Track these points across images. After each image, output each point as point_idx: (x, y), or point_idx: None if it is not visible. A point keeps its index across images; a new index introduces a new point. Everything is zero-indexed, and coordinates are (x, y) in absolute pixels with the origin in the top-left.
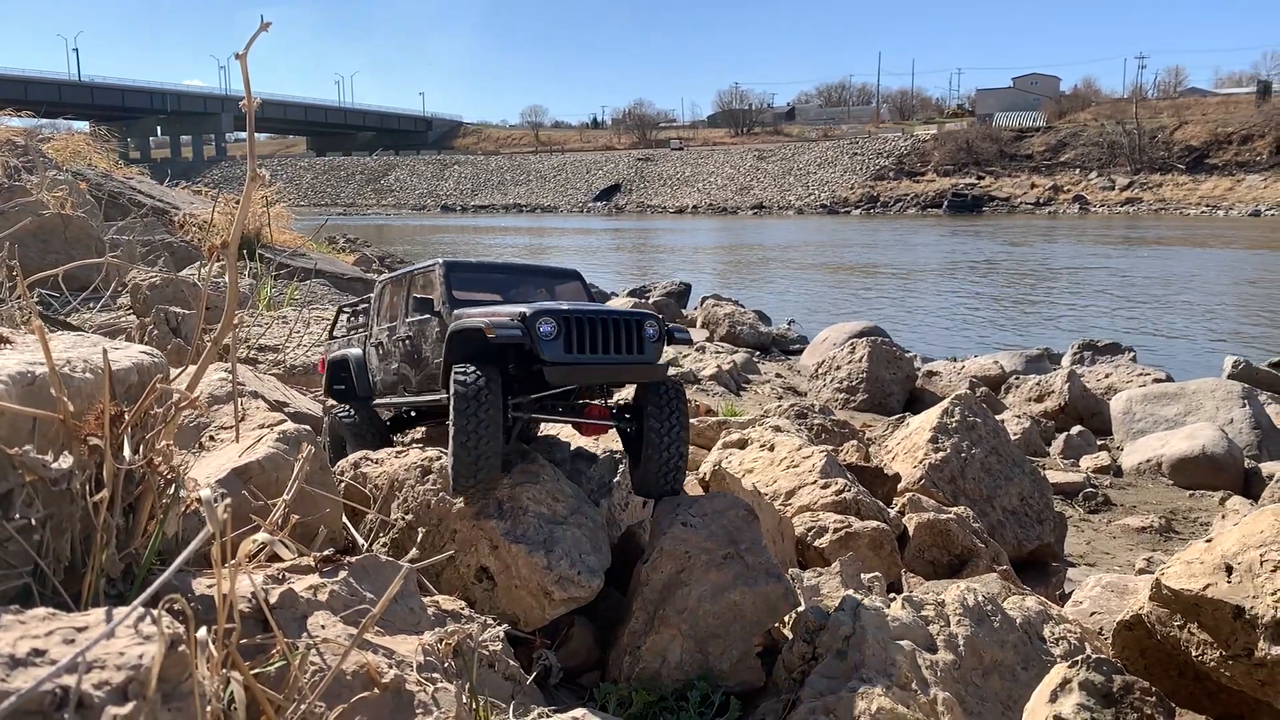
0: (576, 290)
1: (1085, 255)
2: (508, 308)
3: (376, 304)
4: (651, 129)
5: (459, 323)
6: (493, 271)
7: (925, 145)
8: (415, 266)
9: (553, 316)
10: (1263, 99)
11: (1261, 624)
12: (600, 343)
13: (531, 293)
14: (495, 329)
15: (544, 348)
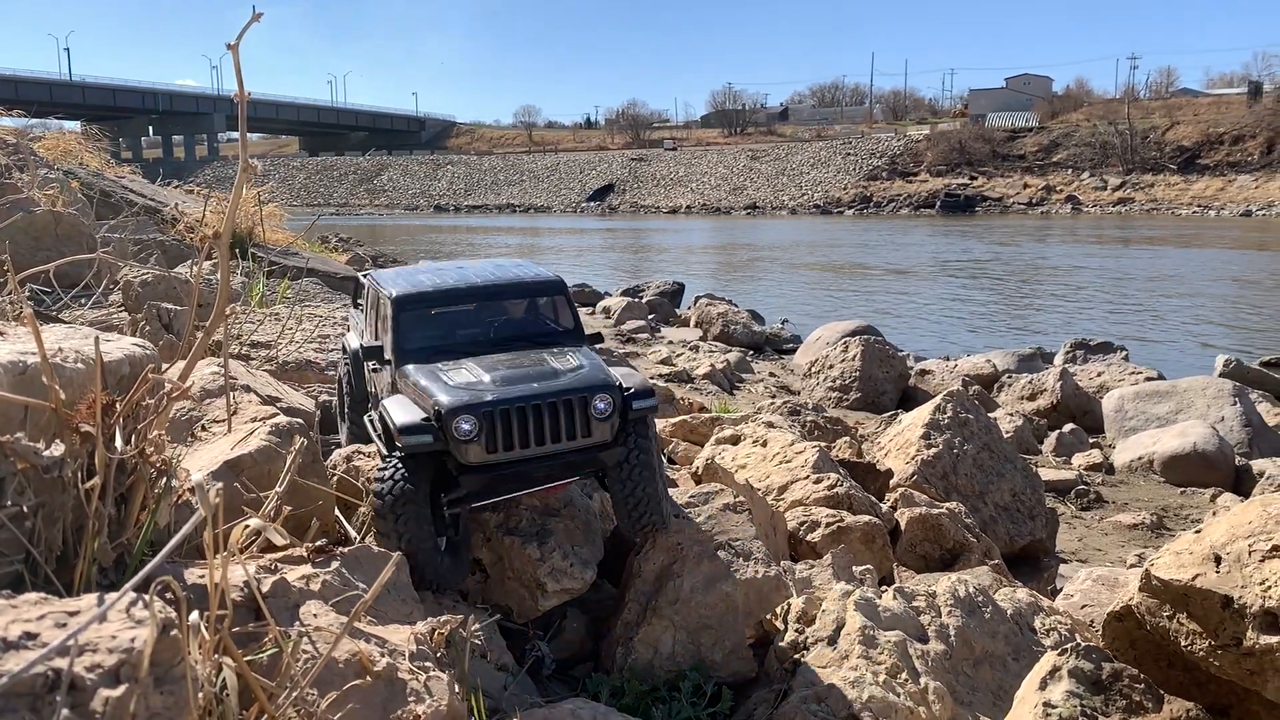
0: (559, 307)
1: (1077, 255)
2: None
3: (365, 303)
4: (645, 129)
5: (382, 407)
6: (457, 299)
7: (918, 145)
8: (378, 282)
9: (472, 412)
10: (1254, 99)
11: (1250, 613)
12: (535, 432)
13: (507, 318)
14: (403, 431)
15: (461, 449)
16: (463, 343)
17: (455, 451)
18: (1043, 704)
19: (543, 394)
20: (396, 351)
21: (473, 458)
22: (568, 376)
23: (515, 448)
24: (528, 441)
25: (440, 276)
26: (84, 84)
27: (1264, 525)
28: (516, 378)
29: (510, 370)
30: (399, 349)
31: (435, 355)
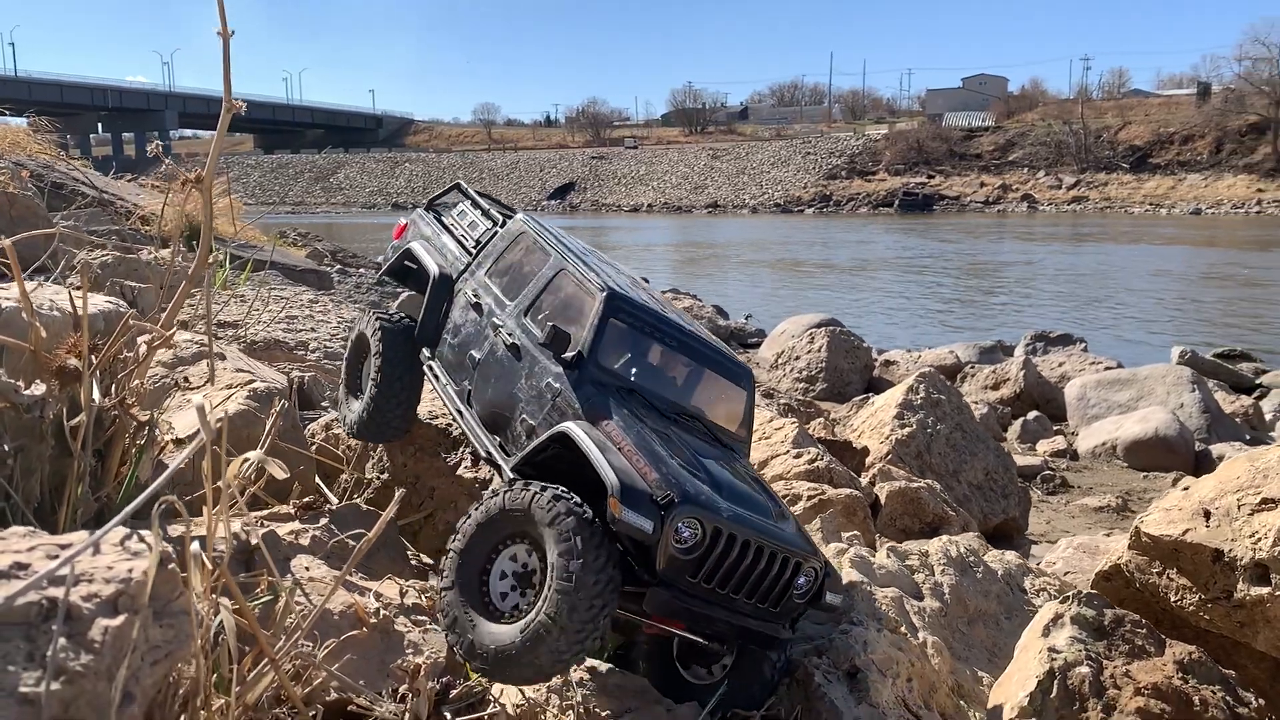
0: (742, 403)
1: (1034, 252)
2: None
3: (501, 245)
4: (605, 127)
5: (576, 435)
6: (662, 330)
7: (877, 145)
8: (569, 249)
9: (701, 515)
10: (1202, 100)
11: (1240, 565)
12: (737, 580)
13: (697, 387)
14: (626, 500)
15: (668, 560)
16: (652, 390)
17: (659, 555)
18: (1047, 649)
19: (765, 534)
20: (587, 362)
21: (668, 570)
22: (784, 527)
23: (715, 584)
24: (727, 584)
25: (640, 293)
26: (30, 80)
27: (1252, 479)
28: (740, 497)
29: (730, 478)
30: (593, 361)
31: (623, 393)
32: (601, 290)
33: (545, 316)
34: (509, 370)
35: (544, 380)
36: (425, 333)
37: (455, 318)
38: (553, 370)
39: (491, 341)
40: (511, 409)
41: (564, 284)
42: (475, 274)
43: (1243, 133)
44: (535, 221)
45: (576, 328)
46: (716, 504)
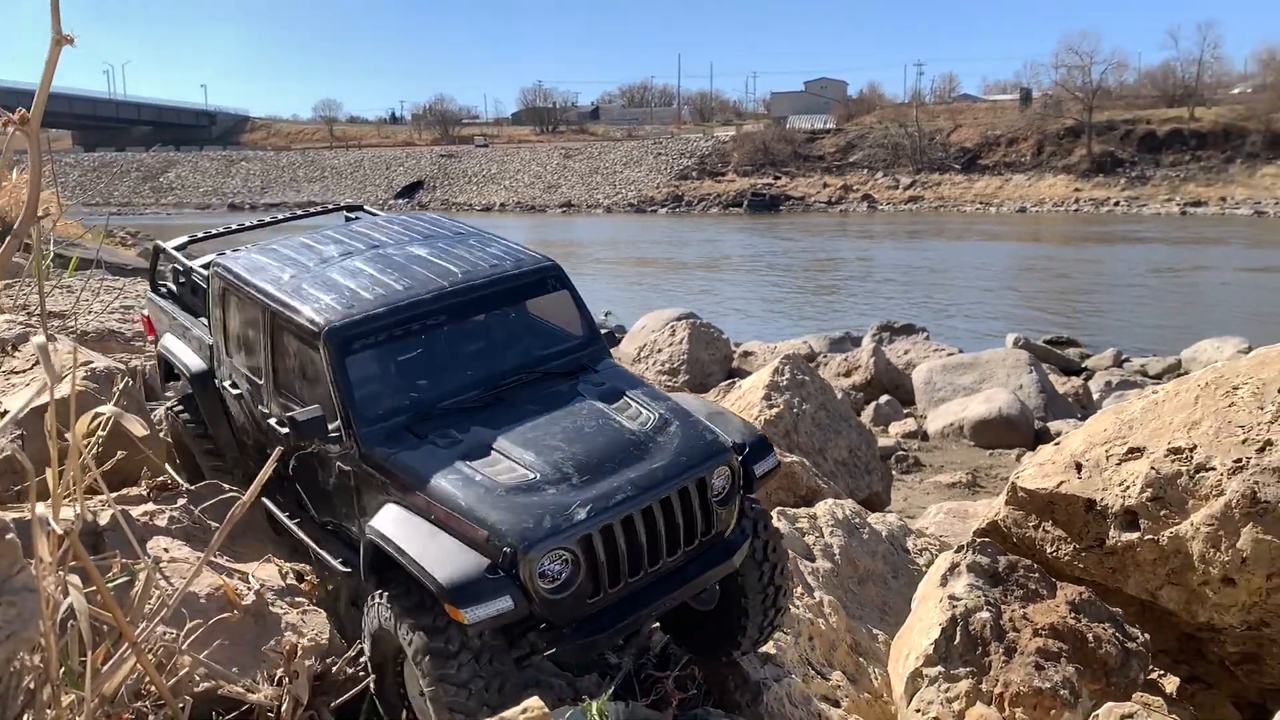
0: (562, 304)
1: (875, 249)
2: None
3: (218, 313)
4: (454, 125)
5: (383, 540)
6: (420, 318)
7: (725, 146)
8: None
9: (559, 543)
10: (1025, 105)
11: (1111, 514)
12: (650, 549)
13: (500, 337)
14: (460, 600)
15: (552, 607)
16: (451, 389)
17: (544, 610)
18: (947, 597)
19: (647, 489)
20: (355, 423)
21: (571, 613)
22: (662, 445)
23: (623, 580)
24: (640, 566)
25: (376, 283)
26: None
27: (1118, 431)
28: (595, 462)
29: (572, 447)
30: (358, 418)
31: (421, 421)
32: (318, 331)
33: (291, 387)
34: (307, 467)
35: (334, 469)
36: (223, 443)
37: (236, 417)
38: (334, 454)
39: (272, 436)
40: (334, 509)
41: (281, 335)
42: (222, 359)
43: (1061, 136)
44: (235, 256)
45: (321, 387)
46: (567, 509)
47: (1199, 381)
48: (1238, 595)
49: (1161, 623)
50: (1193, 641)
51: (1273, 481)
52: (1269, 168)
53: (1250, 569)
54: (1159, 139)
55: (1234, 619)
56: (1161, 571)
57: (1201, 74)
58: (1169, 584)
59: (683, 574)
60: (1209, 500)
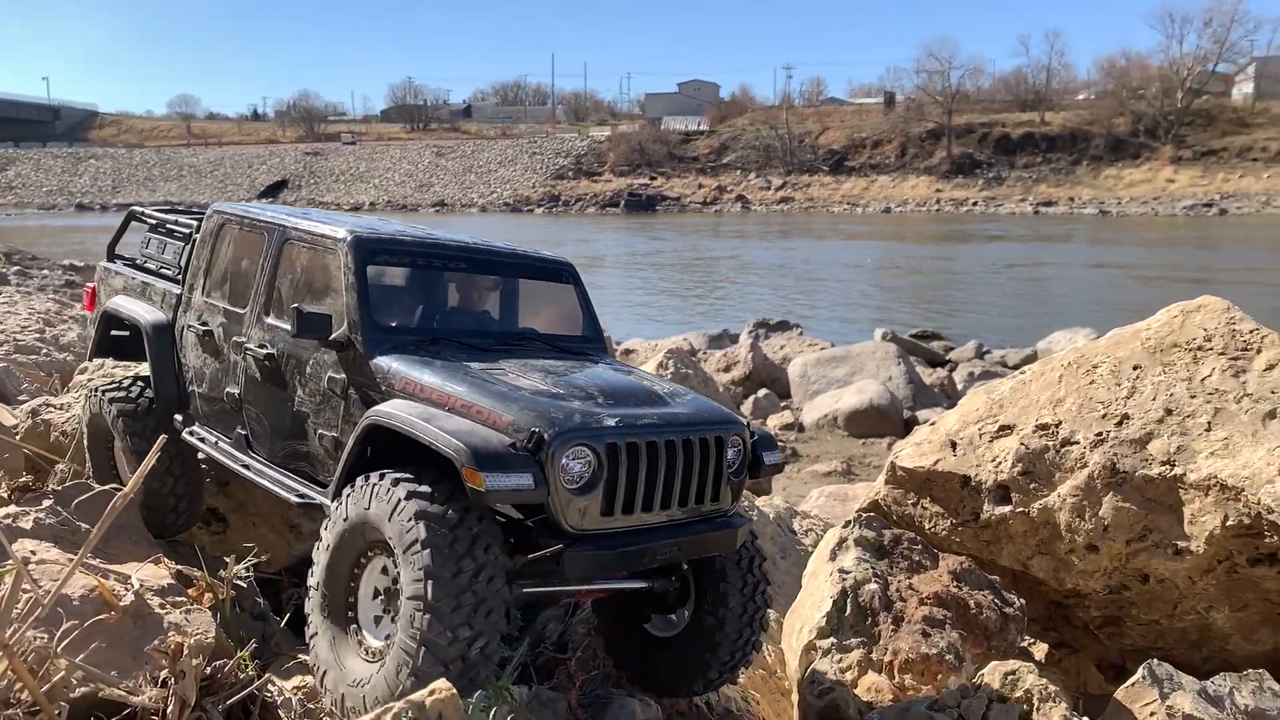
0: (573, 301)
1: (750, 248)
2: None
3: (205, 252)
4: (320, 122)
5: (389, 418)
6: (440, 258)
7: (601, 146)
8: (286, 218)
9: (589, 443)
10: (889, 108)
11: (985, 489)
12: (661, 489)
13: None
14: (485, 465)
15: (566, 505)
16: (461, 330)
17: (555, 508)
18: (837, 571)
19: (669, 425)
20: (365, 328)
21: (581, 521)
22: (684, 404)
23: (637, 508)
24: (653, 500)
25: (401, 227)
26: None
27: (989, 410)
28: (620, 394)
29: (595, 382)
30: (369, 323)
31: (430, 344)
32: (342, 238)
33: (289, 303)
34: (278, 388)
35: (323, 379)
36: (165, 397)
37: (191, 362)
38: (329, 362)
39: (242, 366)
40: (302, 432)
41: (295, 254)
42: (192, 301)
43: (923, 138)
44: (236, 206)
45: (332, 298)
46: (596, 416)
47: (1062, 361)
48: (1100, 561)
49: (1032, 592)
50: (1060, 608)
51: (1130, 453)
52: (1111, 169)
53: (1111, 535)
54: (1013, 142)
55: (1097, 584)
56: (1032, 542)
57: (1050, 80)
58: (1039, 553)
59: (688, 528)
60: (1074, 472)
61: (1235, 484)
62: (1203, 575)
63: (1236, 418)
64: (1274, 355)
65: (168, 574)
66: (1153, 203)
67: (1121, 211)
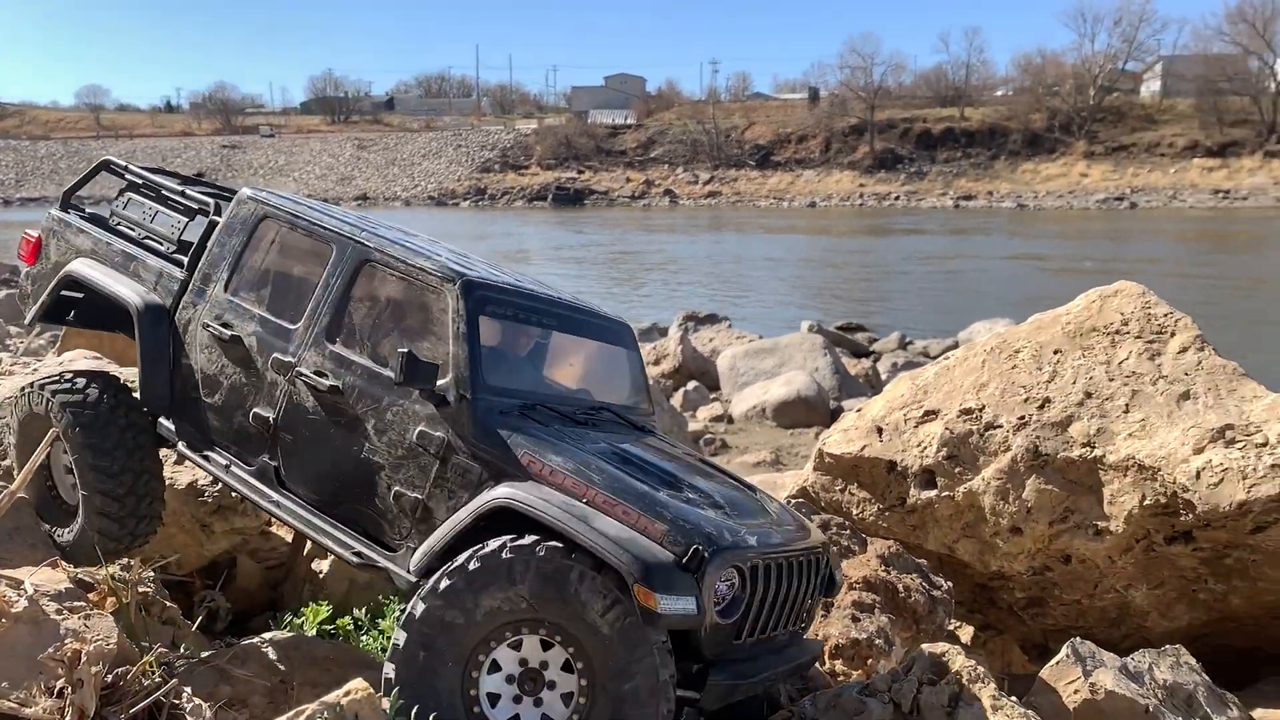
0: (633, 366)
1: (678, 242)
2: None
3: (234, 242)
4: (237, 114)
5: (531, 508)
6: (541, 310)
7: (527, 139)
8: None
9: (736, 560)
10: (813, 104)
11: (910, 474)
12: (777, 616)
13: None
14: (658, 591)
15: (714, 631)
16: (554, 395)
17: (707, 631)
18: None
19: (788, 545)
20: (475, 386)
21: (722, 646)
22: (784, 516)
23: (761, 629)
24: (770, 624)
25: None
26: None
27: (914, 396)
28: (738, 504)
29: (709, 484)
30: (481, 387)
31: (532, 414)
32: (453, 280)
33: (366, 335)
34: (340, 428)
35: (411, 431)
36: (154, 394)
37: (200, 364)
38: (422, 414)
39: (287, 390)
40: (369, 483)
41: (378, 281)
42: (207, 293)
43: (847, 134)
44: (275, 196)
45: (431, 342)
46: (738, 533)
47: (985, 347)
48: (1024, 543)
49: (958, 575)
50: (985, 591)
51: (1051, 436)
52: (1028, 164)
53: (1035, 517)
54: (934, 137)
55: (1021, 566)
56: (957, 526)
57: (970, 77)
58: (964, 537)
59: (785, 654)
60: (997, 456)
61: (1152, 464)
62: (1122, 554)
63: (1153, 399)
64: (1187, 338)
65: (65, 578)
66: (1067, 196)
67: (1038, 205)
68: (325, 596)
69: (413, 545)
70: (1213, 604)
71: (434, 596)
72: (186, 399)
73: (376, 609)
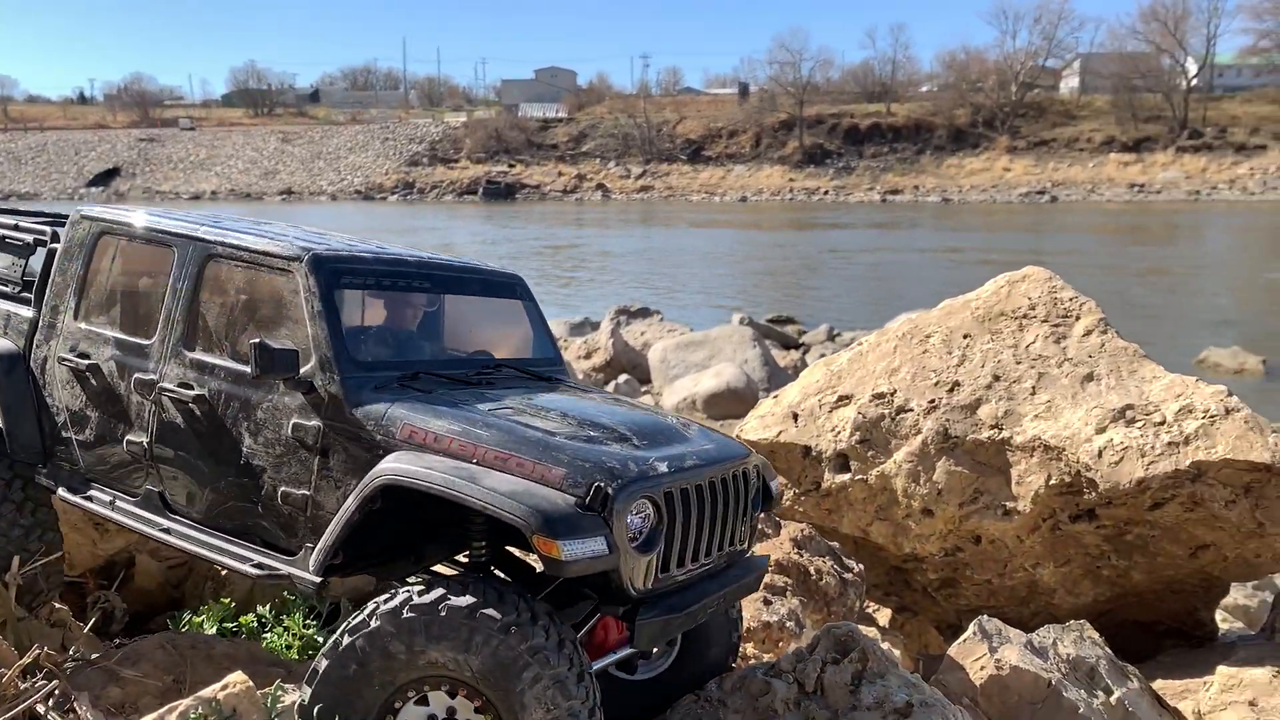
0: (530, 318)
1: (610, 236)
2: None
3: (75, 267)
4: (155, 106)
5: (414, 478)
6: (406, 277)
7: (457, 133)
8: (200, 228)
9: (647, 490)
10: (743, 99)
11: (825, 458)
12: (709, 533)
13: (473, 328)
14: (559, 538)
15: (635, 568)
16: (439, 361)
17: (623, 571)
18: None
19: (707, 464)
20: (340, 365)
21: (645, 582)
22: (705, 437)
23: (686, 558)
24: (698, 549)
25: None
26: None
27: (829, 381)
28: (647, 432)
29: (615, 418)
30: (346, 360)
31: (413, 384)
32: (298, 258)
33: (224, 336)
34: (214, 438)
35: (285, 426)
36: (22, 444)
37: (65, 401)
38: (292, 406)
39: (155, 410)
40: (254, 489)
41: (225, 275)
42: (57, 326)
43: (776, 129)
44: (111, 209)
45: (290, 328)
46: (647, 461)
47: (897, 332)
48: (935, 524)
49: (873, 558)
50: (900, 573)
51: (961, 418)
52: (952, 159)
53: (945, 499)
54: (861, 133)
55: (933, 547)
56: (871, 509)
57: (896, 73)
58: (878, 520)
59: (724, 577)
60: (909, 439)
61: (1057, 444)
62: (1029, 534)
63: (1058, 381)
64: (1091, 321)
65: None
66: (991, 191)
67: (963, 199)
68: (228, 594)
69: (310, 545)
70: (1115, 580)
71: (390, 620)
72: (58, 441)
73: (281, 606)
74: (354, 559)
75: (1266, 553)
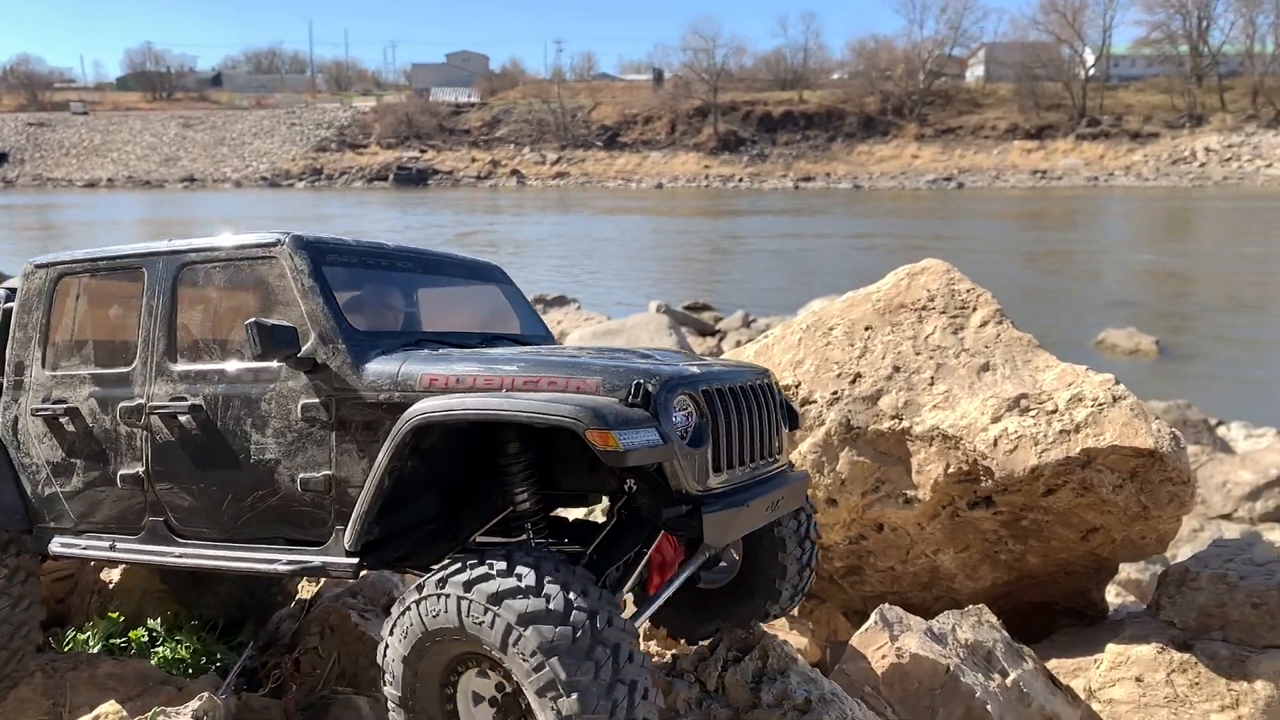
0: (515, 302)
1: (525, 223)
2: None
3: (35, 318)
4: (44, 89)
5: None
6: (390, 258)
7: (366, 118)
8: (165, 244)
9: (686, 387)
10: (658, 85)
11: None
12: (746, 443)
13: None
14: (615, 428)
15: (688, 465)
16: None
17: (678, 468)
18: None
19: (731, 375)
20: (345, 334)
21: (695, 477)
22: (719, 361)
23: (735, 463)
24: (742, 455)
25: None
26: None
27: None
28: (661, 357)
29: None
30: (347, 329)
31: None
32: (279, 241)
33: (211, 339)
34: (217, 444)
35: (294, 411)
36: (7, 512)
37: (44, 455)
38: (298, 388)
39: (147, 435)
40: (269, 484)
41: (203, 280)
42: (25, 382)
43: (691, 115)
44: (64, 253)
45: (282, 313)
46: (677, 367)
47: (801, 324)
48: (840, 514)
49: None
50: None
51: (863, 409)
52: (863, 146)
53: (849, 489)
54: (775, 120)
55: (839, 536)
56: None
57: (807, 60)
58: None
59: (775, 479)
60: (813, 430)
61: (954, 433)
62: (930, 521)
63: (955, 372)
64: (987, 312)
65: None
66: (900, 177)
67: (873, 186)
68: (116, 608)
69: (340, 527)
70: (1012, 564)
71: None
72: (43, 501)
73: (174, 619)
74: (387, 538)
75: (1151, 534)
